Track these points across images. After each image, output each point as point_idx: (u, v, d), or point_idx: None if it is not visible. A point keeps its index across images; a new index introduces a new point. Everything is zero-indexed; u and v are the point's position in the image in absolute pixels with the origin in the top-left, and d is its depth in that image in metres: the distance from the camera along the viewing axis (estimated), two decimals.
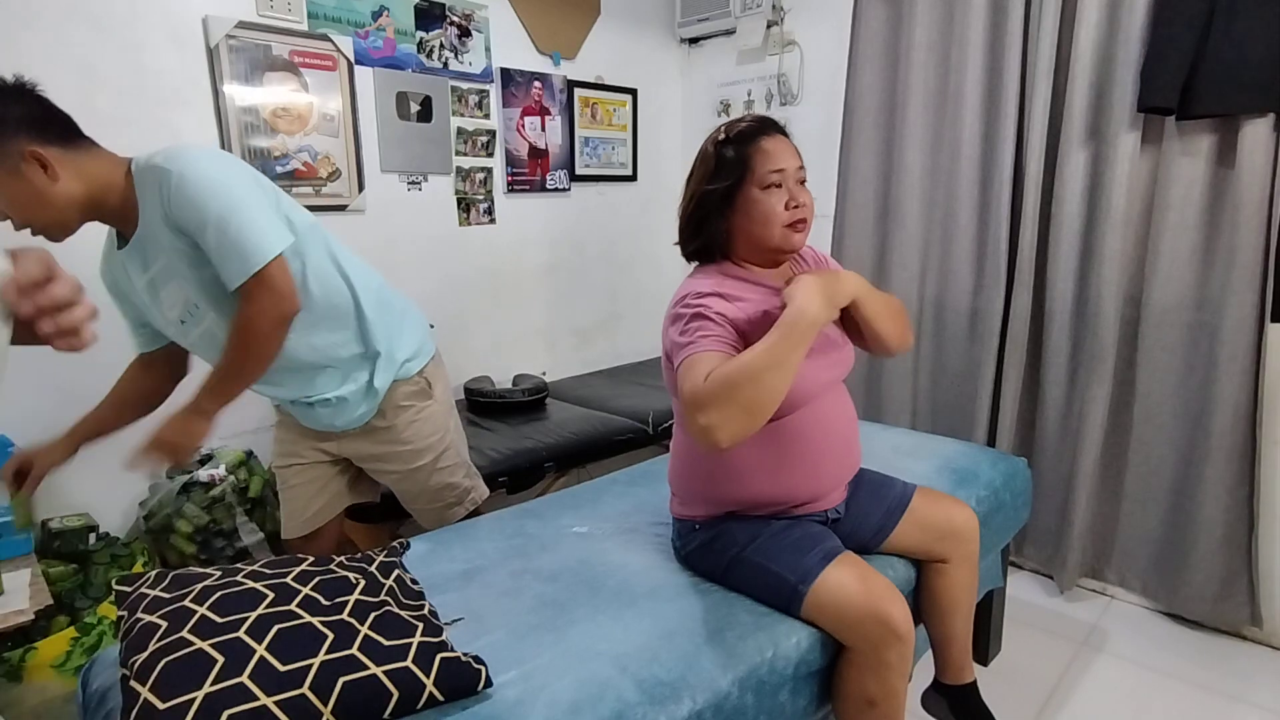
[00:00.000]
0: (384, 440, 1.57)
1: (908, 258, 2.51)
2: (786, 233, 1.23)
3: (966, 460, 1.80)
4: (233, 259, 1.23)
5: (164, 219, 1.24)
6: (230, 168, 1.28)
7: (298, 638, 0.91)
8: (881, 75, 2.53)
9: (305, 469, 1.59)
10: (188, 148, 1.28)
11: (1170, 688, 1.83)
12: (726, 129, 1.26)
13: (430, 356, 1.63)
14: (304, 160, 2.19)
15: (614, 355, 3.24)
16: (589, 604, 1.22)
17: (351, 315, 1.46)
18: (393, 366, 1.52)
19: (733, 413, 1.05)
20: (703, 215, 1.26)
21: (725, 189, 1.23)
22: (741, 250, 1.28)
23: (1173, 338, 2.01)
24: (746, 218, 1.23)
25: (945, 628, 1.43)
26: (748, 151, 1.22)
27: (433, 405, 1.61)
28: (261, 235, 1.24)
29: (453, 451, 1.67)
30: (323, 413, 1.50)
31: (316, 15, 2.18)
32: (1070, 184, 2.11)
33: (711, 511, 1.31)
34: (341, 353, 1.47)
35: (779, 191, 1.21)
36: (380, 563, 1.15)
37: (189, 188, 1.21)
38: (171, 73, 1.96)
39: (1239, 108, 1.78)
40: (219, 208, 1.21)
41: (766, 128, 1.25)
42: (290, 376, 1.46)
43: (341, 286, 1.44)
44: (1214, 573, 1.97)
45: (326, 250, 1.44)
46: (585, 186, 3.04)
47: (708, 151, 1.27)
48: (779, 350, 1.06)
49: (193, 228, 1.23)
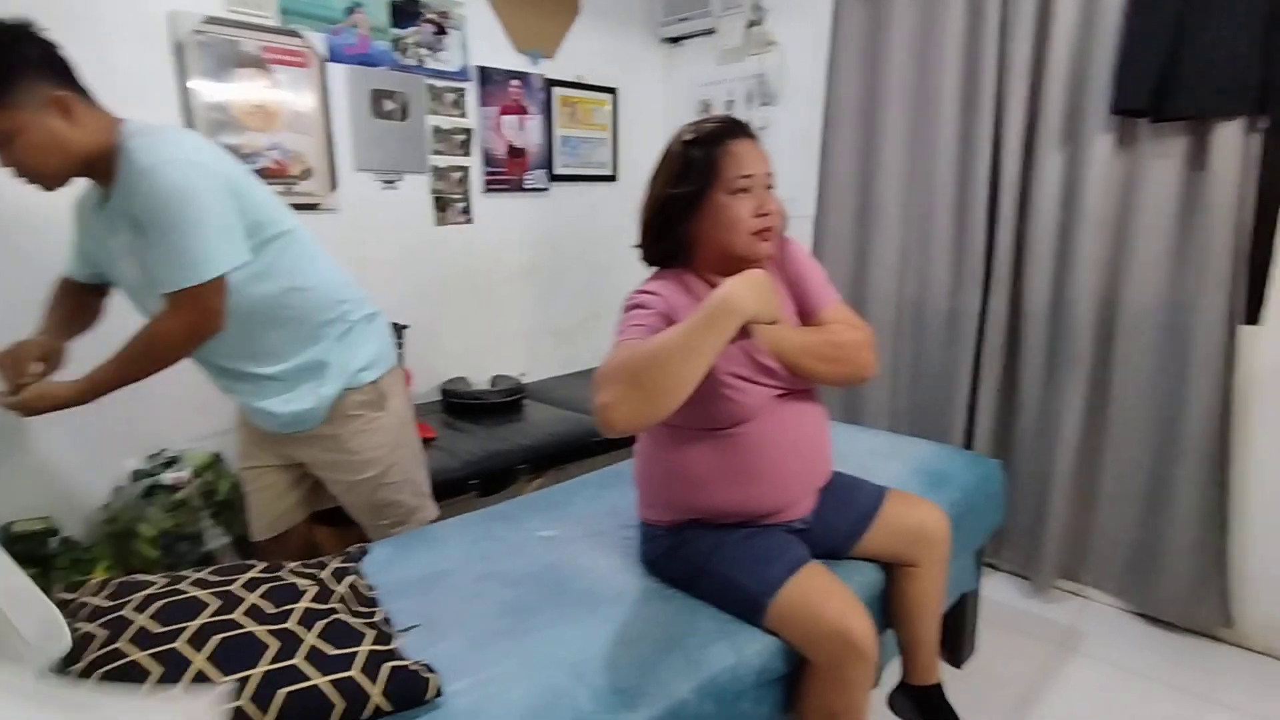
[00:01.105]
0: (331, 448, 1.52)
1: (887, 258, 2.51)
2: (753, 240, 1.19)
3: (940, 462, 1.79)
4: (168, 267, 1.22)
5: (127, 204, 1.23)
6: (200, 178, 1.24)
7: (239, 647, 0.89)
8: (861, 76, 2.52)
9: (265, 472, 1.56)
10: (168, 142, 1.25)
11: (1143, 689, 1.83)
12: (694, 129, 1.22)
13: (389, 367, 1.59)
14: (275, 158, 2.15)
15: (594, 356, 3.22)
16: (551, 610, 1.20)
17: (305, 321, 1.44)
18: (344, 374, 1.48)
19: (629, 392, 0.97)
20: (666, 219, 1.22)
21: (691, 193, 1.19)
22: (705, 257, 1.24)
23: (1147, 340, 2.01)
24: (713, 223, 1.19)
25: (913, 630, 1.42)
26: (716, 154, 1.18)
27: (384, 417, 1.56)
28: (206, 253, 1.23)
29: (400, 469, 1.60)
30: (268, 415, 1.47)
31: (288, 11, 2.15)
32: (1046, 186, 2.10)
33: (675, 518, 1.29)
34: (291, 358, 1.44)
35: (747, 197, 1.18)
36: (334, 569, 1.13)
37: (150, 188, 1.20)
38: (136, 69, 1.92)
39: (1211, 111, 1.78)
40: (171, 217, 1.20)
41: (735, 130, 1.21)
42: (239, 380, 1.44)
43: (302, 291, 1.42)
44: (1187, 574, 1.97)
45: (298, 253, 1.42)
46: (565, 186, 3.01)
47: (674, 151, 1.23)
48: (692, 335, 0.98)
49: (145, 225, 1.22)
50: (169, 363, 1.32)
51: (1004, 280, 2.22)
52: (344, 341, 1.49)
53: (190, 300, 1.24)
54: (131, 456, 1.98)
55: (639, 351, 1.00)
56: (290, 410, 1.45)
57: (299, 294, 1.41)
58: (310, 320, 1.44)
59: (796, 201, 2.83)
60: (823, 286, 1.32)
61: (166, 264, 1.22)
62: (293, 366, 1.44)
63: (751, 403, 1.19)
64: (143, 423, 2.00)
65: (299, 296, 1.41)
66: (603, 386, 1.00)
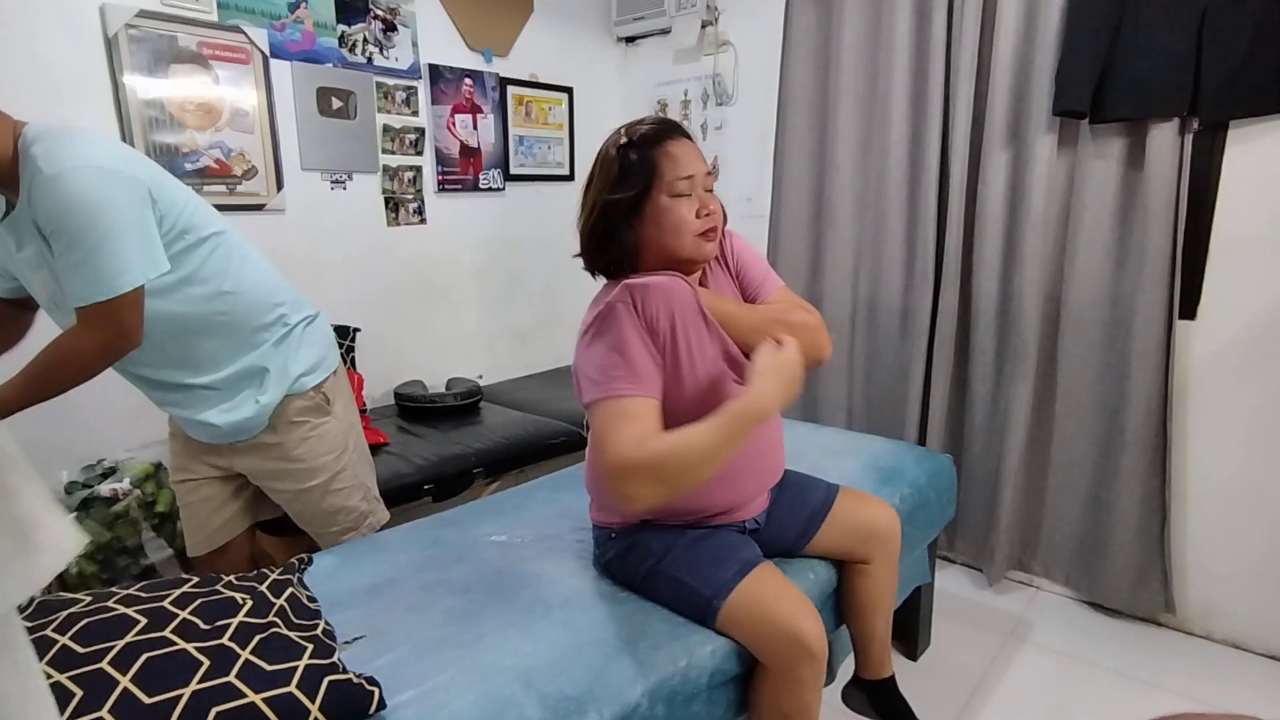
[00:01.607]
0: (274, 457, 1.47)
1: (841, 257, 2.53)
2: (699, 242, 1.17)
3: (892, 458, 1.82)
4: (80, 280, 1.16)
5: (29, 212, 1.15)
6: (110, 185, 1.17)
7: (168, 666, 0.85)
8: (813, 76, 2.54)
9: (199, 485, 1.50)
10: (74, 145, 1.17)
11: (1090, 675, 1.88)
12: (628, 132, 1.19)
13: (331, 371, 1.54)
14: (215, 157, 2.09)
15: (554, 357, 3.20)
16: (500, 616, 1.18)
17: (240, 327, 1.39)
18: (285, 380, 1.44)
19: (660, 491, 1.02)
20: (608, 227, 1.18)
21: (632, 198, 1.15)
22: (651, 262, 1.21)
23: (1090, 335, 2.06)
24: (656, 228, 1.16)
25: (866, 626, 1.43)
26: (654, 156, 1.15)
27: (330, 422, 1.52)
28: (118, 265, 1.16)
29: (349, 473, 1.56)
30: (206, 427, 1.42)
31: (228, 6, 2.08)
32: (992, 185, 2.15)
33: (627, 519, 1.28)
34: (227, 366, 1.39)
35: (688, 199, 1.16)
36: (273, 581, 1.09)
37: (57, 197, 1.12)
38: (66, 63, 1.84)
39: (1145, 112, 1.84)
40: (82, 228, 1.13)
41: (671, 130, 1.19)
42: (172, 392, 1.38)
43: (234, 295, 1.37)
44: (1130, 562, 2.03)
45: (228, 256, 1.37)
46: (521, 186, 2.98)
47: (609, 155, 1.18)
48: (724, 443, 1.02)
49: (52, 235, 1.15)
50: (79, 381, 1.25)
51: (954, 278, 2.26)
52: (283, 346, 1.44)
53: (102, 315, 1.18)
54: (66, 467, 1.90)
55: (669, 453, 1.01)
56: (230, 420, 1.40)
57: (231, 298, 1.36)
58: (245, 325, 1.39)
59: (753, 201, 2.85)
60: (766, 273, 1.33)
61: (76, 277, 1.15)
62: (230, 374, 1.39)
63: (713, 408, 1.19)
64: (78, 432, 1.93)
65: (232, 301, 1.36)
66: (630, 480, 1.01)
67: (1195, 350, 1.95)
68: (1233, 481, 1.94)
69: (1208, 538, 1.99)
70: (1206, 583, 2.00)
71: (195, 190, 1.29)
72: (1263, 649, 1.94)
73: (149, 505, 1.90)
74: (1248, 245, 1.85)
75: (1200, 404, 1.97)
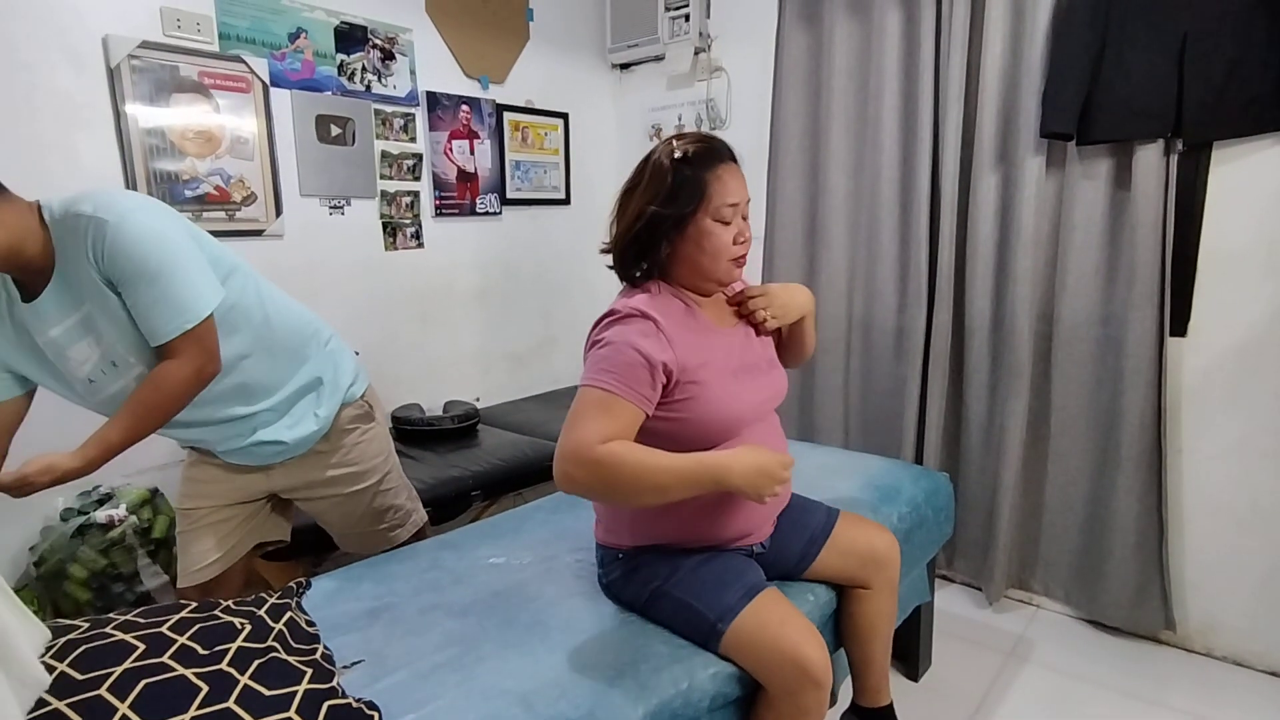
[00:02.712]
0: (326, 465, 1.54)
1: (835, 278, 2.56)
2: (730, 267, 1.21)
3: (889, 477, 1.82)
4: (164, 314, 1.19)
5: (94, 270, 1.17)
6: (167, 220, 1.23)
7: (167, 693, 0.85)
8: (805, 101, 2.58)
9: (214, 511, 1.50)
10: (118, 196, 1.21)
11: (1092, 694, 1.87)
12: (683, 146, 1.18)
13: (368, 382, 1.66)
14: (215, 184, 2.11)
15: (550, 379, 3.20)
16: (499, 639, 1.17)
17: (285, 345, 1.44)
18: (338, 392, 1.53)
19: (596, 491, 1.09)
20: (651, 237, 1.18)
21: (678, 215, 1.16)
22: (680, 276, 1.23)
23: (1082, 352, 2.08)
24: (696, 247, 1.18)
25: (864, 652, 1.43)
26: (706, 178, 1.16)
27: (376, 427, 1.64)
28: (197, 291, 1.22)
29: (395, 474, 1.68)
30: (271, 446, 1.45)
31: (229, 36, 2.12)
32: (983, 206, 2.18)
33: (637, 542, 1.27)
34: (283, 386, 1.44)
35: (729, 226, 1.18)
36: (271, 605, 1.09)
37: (126, 239, 1.15)
38: (68, 93, 1.87)
39: (1131, 134, 1.88)
40: (158, 262, 1.17)
41: (723, 154, 1.20)
42: (230, 424, 1.40)
43: (276, 315, 1.42)
44: (1129, 579, 2.03)
45: (256, 284, 1.42)
46: (517, 210, 3.01)
47: (662, 167, 1.17)
48: (676, 485, 1.07)
49: (126, 279, 1.17)
50: (175, 413, 1.27)
51: (947, 297, 2.28)
52: (328, 354, 1.53)
53: (192, 342, 1.22)
54: (61, 494, 1.89)
55: (623, 466, 1.05)
56: (297, 435, 1.46)
57: (275, 319, 1.42)
58: (293, 339, 1.46)
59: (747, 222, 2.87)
60: None
61: (159, 312, 1.19)
62: (288, 394, 1.45)
63: (739, 410, 1.21)
64: None
65: (277, 321, 1.42)
66: (579, 466, 1.05)
67: (1187, 366, 1.97)
68: (1229, 497, 1.94)
69: (1206, 554, 2.00)
70: (1206, 599, 2.00)
71: (195, 217, 1.32)
72: (1264, 666, 1.93)
73: (145, 531, 1.89)
74: (1235, 263, 1.87)
75: (1194, 420, 1.98)
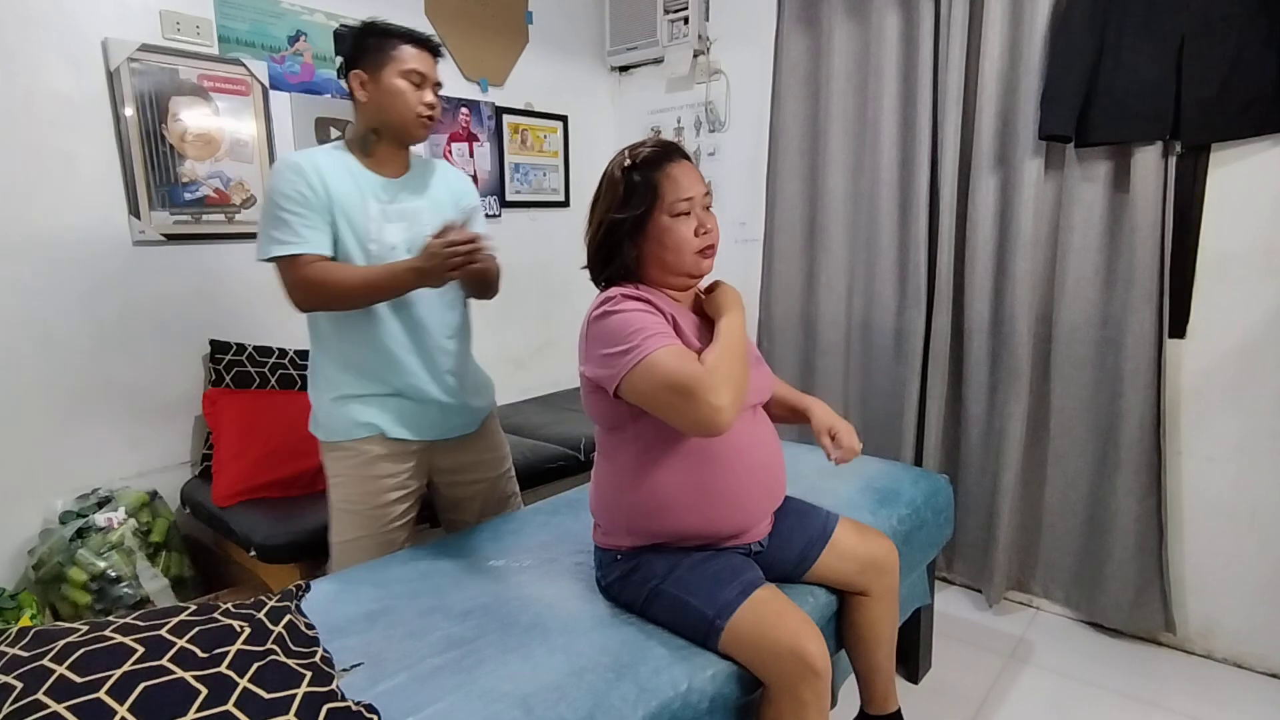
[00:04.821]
0: (480, 448, 1.70)
1: (834, 280, 2.56)
2: (697, 259, 1.24)
3: (888, 480, 1.82)
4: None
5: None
6: None
7: (166, 696, 0.85)
8: (804, 103, 2.59)
9: (408, 496, 1.60)
10: None
11: (1092, 696, 1.86)
12: (631, 154, 1.25)
13: None
14: (215, 187, 2.11)
15: (549, 382, 3.20)
16: (499, 642, 1.17)
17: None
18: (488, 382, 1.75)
19: (738, 395, 1.11)
20: (613, 243, 1.25)
21: (635, 217, 1.22)
22: (652, 274, 1.27)
23: (1081, 354, 2.08)
24: (658, 245, 1.23)
25: (869, 660, 1.43)
26: (656, 178, 1.22)
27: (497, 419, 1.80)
28: None
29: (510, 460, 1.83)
30: (468, 410, 1.63)
31: (228, 39, 2.12)
32: (982, 208, 2.18)
33: (636, 543, 1.28)
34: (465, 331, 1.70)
35: (688, 219, 1.22)
36: (271, 608, 1.09)
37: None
38: (68, 96, 1.87)
39: (1129, 136, 1.88)
40: None
41: (672, 154, 1.25)
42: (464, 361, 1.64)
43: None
44: (1129, 581, 2.03)
45: None
46: (517, 212, 3.01)
47: (614, 177, 1.25)
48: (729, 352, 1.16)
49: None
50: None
51: (946, 299, 2.28)
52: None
53: None
54: (60, 496, 1.89)
55: (728, 354, 1.15)
56: (478, 405, 1.67)
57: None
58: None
59: (747, 225, 2.88)
60: None
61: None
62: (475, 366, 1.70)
63: None
64: (71, 460, 1.92)
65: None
66: (716, 389, 1.08)
67: (1186, 368, 1.98)
68: (1228, 498, 1.95)
69: (1205, 556, 2.00)
70: (1206, 601, 2.00)
71: (195, 220, 1.30)
72: (1264, 668, 1.93)
73: (144, 534, 1.89)
74: (1234, 264, 1.88)
75: (1193, 421, 1.98)
